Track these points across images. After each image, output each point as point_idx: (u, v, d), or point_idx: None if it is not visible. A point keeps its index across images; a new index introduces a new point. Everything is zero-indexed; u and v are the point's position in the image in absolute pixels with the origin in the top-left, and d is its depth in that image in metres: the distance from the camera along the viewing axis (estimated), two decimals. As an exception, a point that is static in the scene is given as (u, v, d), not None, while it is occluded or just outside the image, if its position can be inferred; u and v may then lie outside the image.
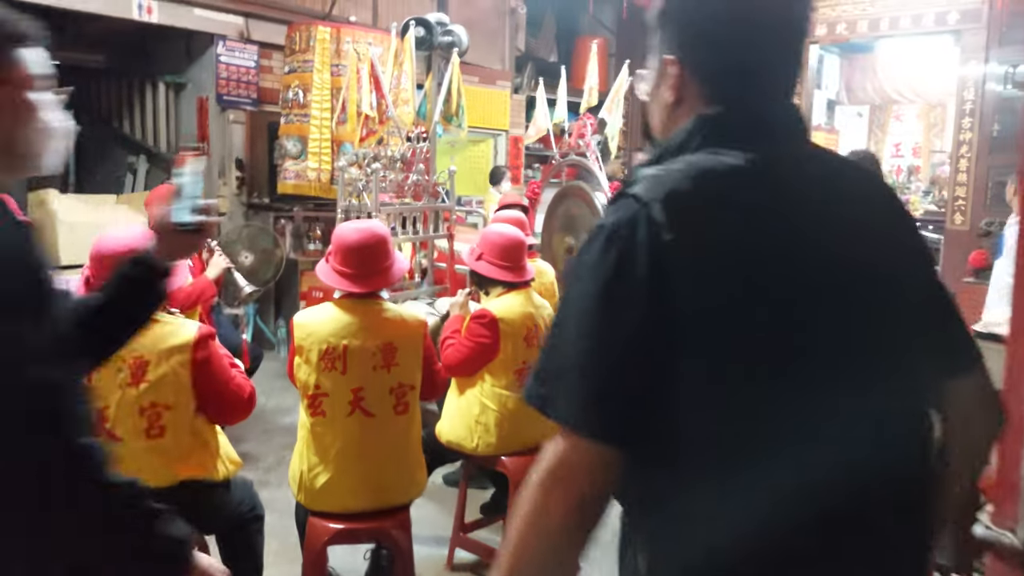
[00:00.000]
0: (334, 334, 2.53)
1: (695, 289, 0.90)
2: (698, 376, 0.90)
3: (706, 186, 0.95)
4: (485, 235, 3.25)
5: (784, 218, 0.96)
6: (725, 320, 0.90)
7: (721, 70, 1.02)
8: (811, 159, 1.03)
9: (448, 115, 4.72)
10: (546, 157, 9.41)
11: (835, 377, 0.93)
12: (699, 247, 0.91)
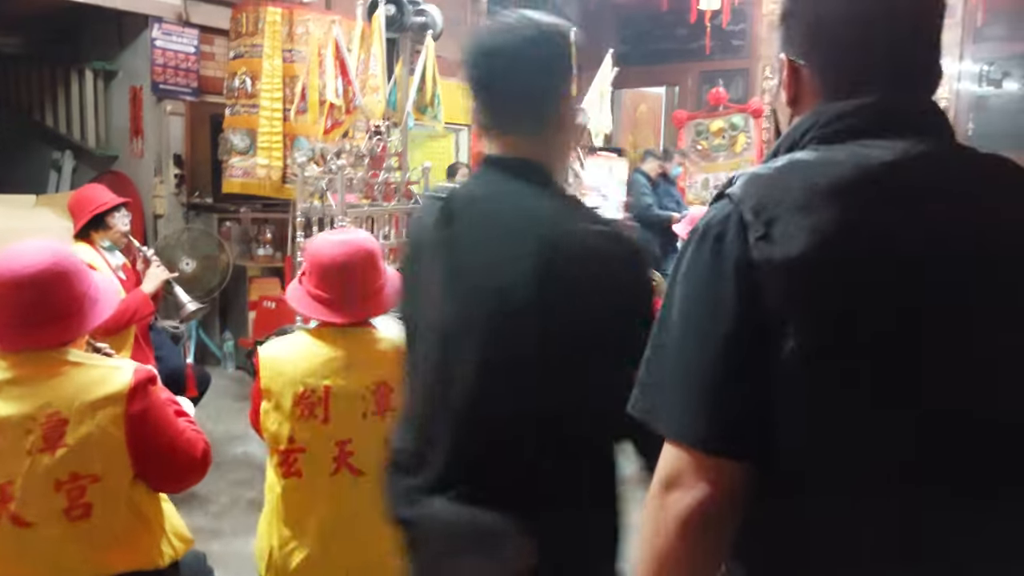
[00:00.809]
0: (312, 373, 1.99)
1: (783, 289, 0.85)
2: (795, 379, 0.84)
3: (800, 184, 0.88)
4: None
5: (889, 215, 0.87)
6: (812, 320, 0.84)
7: (838, 66, 0.97)
8: (936, 156, 0.92)
9: (422, 105, 4.19)
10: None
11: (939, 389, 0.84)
12: (787, 247, 0.85)
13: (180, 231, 5.89)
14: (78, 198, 3.62)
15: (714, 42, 8.11)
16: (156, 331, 3.97)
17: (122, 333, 3.49)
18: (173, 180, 6.16)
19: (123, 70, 6.41)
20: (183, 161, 6.22)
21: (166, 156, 6.15)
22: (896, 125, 0.92)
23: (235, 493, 3.89)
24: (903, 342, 0.84)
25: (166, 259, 5.47)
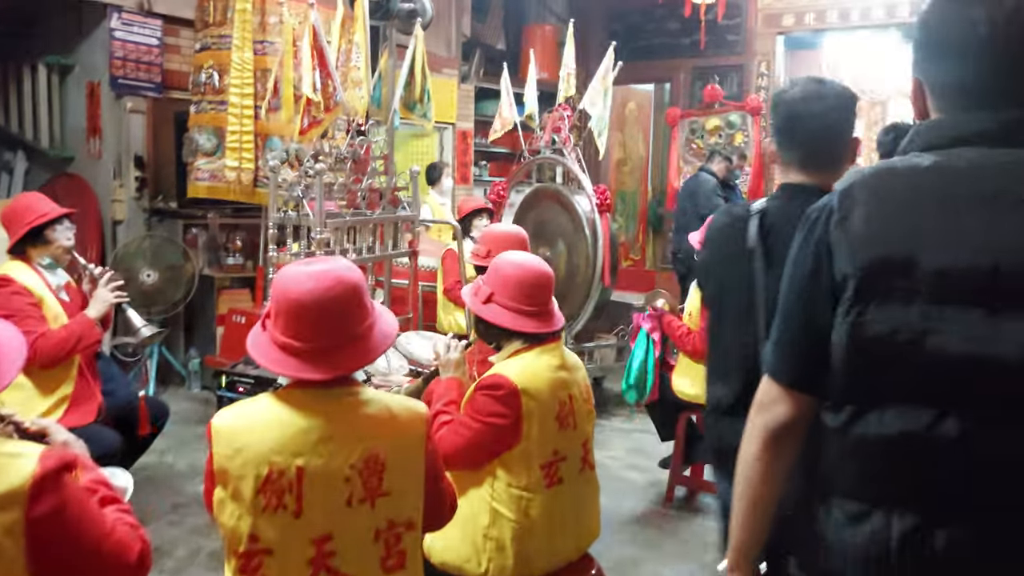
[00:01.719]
0: (280, 449, 1.54)
1: (845, 257, 1.11)
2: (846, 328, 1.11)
3: (870, 181, 1.15)
4: (496, 267, 2.30)
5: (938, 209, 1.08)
6: (865, 281, 1.09)
7: (930, 87, 1.19)
8: (1005, 168, 1.08)
9: (410, 102, 3.75)
10: (498, 154, 8.50)
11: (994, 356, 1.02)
12: (846, 226, 1.12)
13: (141, 238, 5.40)
14: (13, 208, 3.14)
15: (708, 37, 7.72)
16: (105, 360, 3.49)
17: (63, 364, 3.02)
18: (134, 183, 5.66)
19: (79, 64, 5.90)
20: (144, 162, 5.72)
21: (126, 157, 5.65)
22: (973, 138, 1.11)
23: (194, 544, 3.42)
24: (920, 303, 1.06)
25: (125, 269, 4.99)
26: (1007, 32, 1.08)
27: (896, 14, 7.48)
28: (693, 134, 8.01)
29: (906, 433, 1.07)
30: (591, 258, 4.99)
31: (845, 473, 1.15)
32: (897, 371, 1.07)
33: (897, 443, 1.08)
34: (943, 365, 1.04)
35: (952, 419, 1.04)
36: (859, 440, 1.12)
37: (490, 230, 3.21)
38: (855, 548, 1.11)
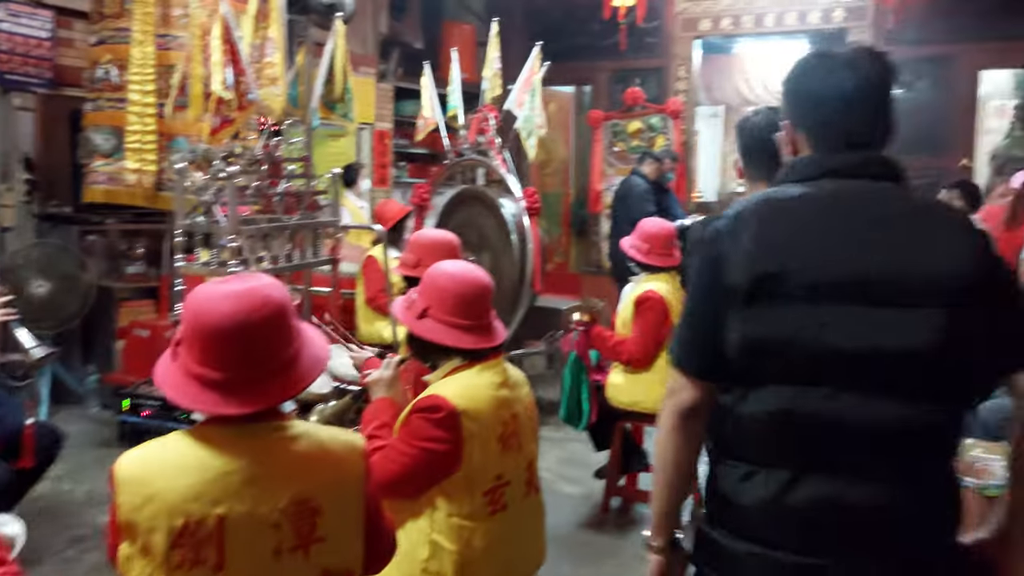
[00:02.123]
0: (197, 496, 1.33)
1: (731, 271, 1.36)
2: (730, 323, 1.37)
3: (755, 208, 1.41)
4: (430, 279, 2.13)
5: (828, 232, 1.36)
6: (766, 298, 1.34)
7: (804, 131, 1.49)
8: (859, 196, 1.39)
9: (330, 101, 3.53)
10: (418, 155, 8.29)
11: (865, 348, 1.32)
12: (735, 245, 1.37)
13: (30, 247, 4.99)
14: None
15: (628, 40, 7.72)
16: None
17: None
18: (22, 186, 5.22)
19: (-41, 57, 5.42)
20: (34, 164, 5.29)
21: (13, 158, 5.21)
22: (833, 172, 1.42)
23: (99, 581, 3.13)
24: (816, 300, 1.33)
25: (12, 281, 4.58)
26: (866, 91, 1.42)
27: (807, 21, 7.63)
28: (616, 136, 7.99)
29: (779, 408, 1.35)
30: (518, 263, 4.86)
31: (736, 441, 1.43)
32: (774, 360, 1.35)
33: (773, 416, 1.36)
34: (808, 354, 1.33)
35: (811, 395, 1.33)
36: (745, 415, 1.39)
37: (419, 237, 3.03)
38: (747, 500, 1.39)
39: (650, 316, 3.53)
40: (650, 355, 3.57)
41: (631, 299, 3.63)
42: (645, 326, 3.55)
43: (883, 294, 1.31)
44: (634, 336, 3.59)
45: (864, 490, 1.33)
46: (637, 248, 3.66)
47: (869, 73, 1.43)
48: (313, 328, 1.61)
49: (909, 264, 1.33)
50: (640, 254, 3.62)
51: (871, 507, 1.32)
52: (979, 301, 1.32)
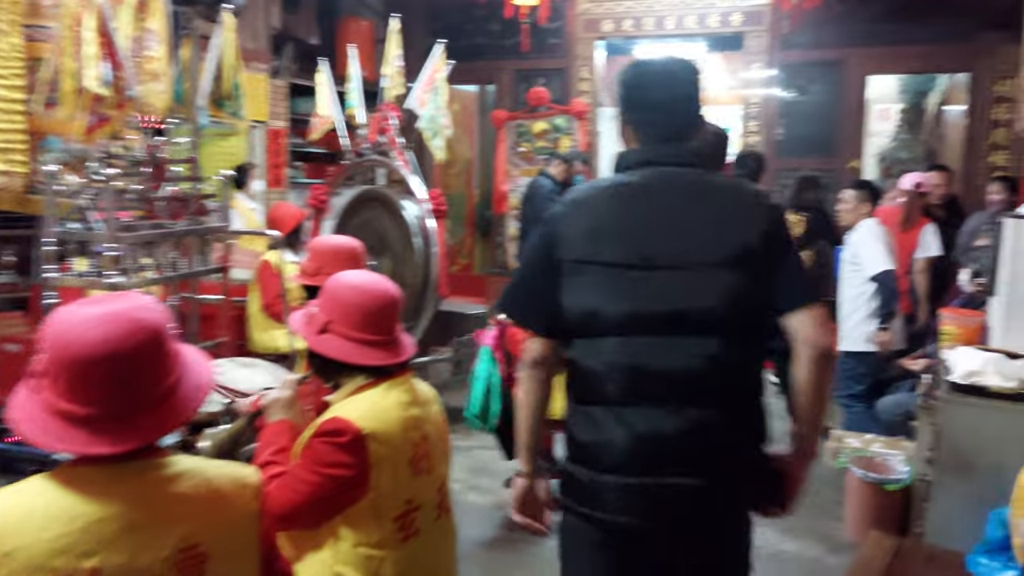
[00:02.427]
0: (65, 549, 1.15)
1: (564, 253, 1.72)
2: (570, 295, 1.71)
3: (585, 193, 1.81)
4: (331, 290, 1.97)
5: (621, 214, 1.72)
6: (574, 271, 1.71)
7: (631, 128, 1.82)
8: (661, 181, 1.74)
9: (219, 98, 3.31)
10: (315, 155, 8.01)
11: (642, 312, 1.66)
12: (568, 229, 1.73)
13: None
14: None
15: (530, 40, 7.68)
16: None
17: None
18: None
19: None
20: None
21: None
22: (652, 163, 1.76)
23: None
24: (608, 270, 1.69)
25: None
26: (676, 95, 1.76)
27: (706, 24, 7.77)
28: (520, 137, 7.94)
29: (604, 359, 1.68)
30: (421, 267, 4.71)
31: (578, 388, 1.75)
32: (594, 321, 1.68)
33: (599, 365, 1.69)
34: (606, 318, 1.67)
35: (626, 347, 1.66)
36: (581, 366, 1.72)
37: (320, 243, 2.85)
38: (587, 437, 1.71)
39: None
40: (560, 361, 3.51)
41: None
42: None
43: (683, 259, 1.67)
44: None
45: (676, 421, 1.63)
46: None
47: (680, 80, 1.79)
48: (195, 351, 1.45)
49: (708, 231, 1.68)
50: None
51: (684, 433, 1.63)
52: (762, 260, 1.67)
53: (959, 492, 2.52)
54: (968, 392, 2.50)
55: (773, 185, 7.55)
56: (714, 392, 1.65)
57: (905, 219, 5.05)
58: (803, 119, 7.64)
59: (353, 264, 2.70)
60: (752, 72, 7.75)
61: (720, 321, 1.64)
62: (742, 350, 1.68)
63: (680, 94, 1.77)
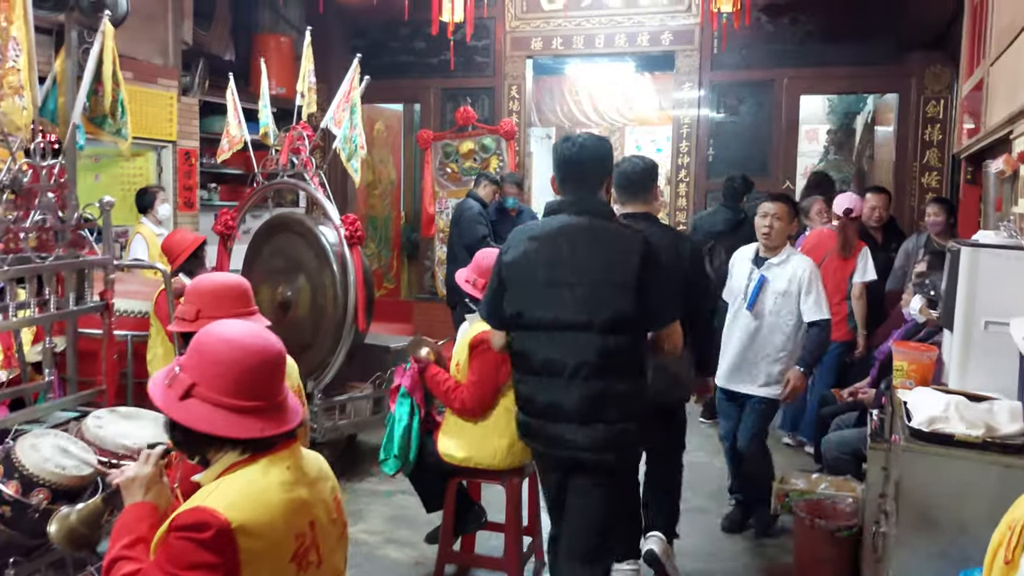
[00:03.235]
0: None
1: (506, 273, 2.57)
2: (508, 303, 2.57)
3: (523, 233, 2.61)
4: (199, 345, 1.62)
5: (541, 248, 2.53)
6: (512, 286, 2.56)
7: (556, 182, 2.64)
8: (568, 226, 2.53)
9: (98, 116, 2.93)
10: (230, 175, 7.58)
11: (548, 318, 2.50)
12: (509, 258, 2.57)
13: None
14: None
15: (457, 58, 7.42)
16: None
17: None
18: None
19: None
20: None
21: None
22: (569, 210, 2.56)
23: None
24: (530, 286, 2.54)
25: None
26: (585, 162, 2.56)
27: (637, 43, 7.64)
28: (447, 157, 7.65)
29: (523, 346, 2.56)
30: (340, 297, 4.35)
31: (516, 363, 2.63)
32: (519, 321, 2.54)
33: (522, 350, 2.57)
34: (532, 317, 2.51)
35: (536, 339, 2.52)
36: (515, 349, 2.60)
37: (199, 283, 2.46)
38: (522, 393, 2.62)
39: (486, 360, 3.13)
40: (485, 403, 3.19)
41: (466, 341, 3.23)
42: (480, 371, 3.16)
43: (579, 282, 2.48)
44: (468, 382, 3.19)
45: (565, 393, 2.51)
46: (472, 283, 3.26)
47: (591, 153, 2.59)
48: None
49: (595, 263, 2.49)
50: (476, 289, 3.21)
51: (571, 402, 2.50)
52: (636, 285, 2.45)
53: (922, 550, 2.29)
54: (930, 440, 2.29)
55: (704, 204, 7.46)
56: (601, 370, 2.48)
57: (843, 246, 4.92)
58: (735, 139, 7.55)
59: (239, 307, 2.35)
60: (683, 92, 7.64)
61: (606, 324, 2.46)
62: (622, 344, 2.49)
63: (589, 167, 2.60)
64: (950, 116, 6.75)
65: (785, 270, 3.83)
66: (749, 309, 3.82)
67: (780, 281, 3.81)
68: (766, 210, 3.88)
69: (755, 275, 3.85)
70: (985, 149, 4.32)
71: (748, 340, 3.84)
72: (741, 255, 4.04)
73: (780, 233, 3.86)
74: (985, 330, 2.66)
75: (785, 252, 3.88)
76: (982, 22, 4.20)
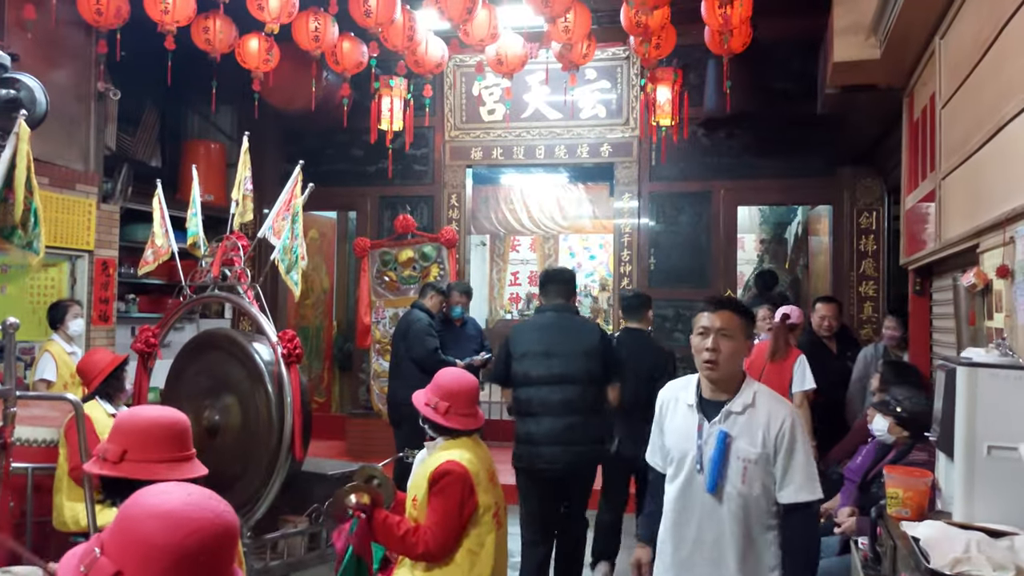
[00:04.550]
0: None
1: (512, 351, 4.09)
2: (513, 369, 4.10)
3: (523, 324, 4.37)
4: (125, 521, 1.26)
5: (534, 334, 4.12)
6: (520, 358, 4.06)
7: (541, 293, 4.33)
8: (554, 319, 4.11)
9: (7, 228, 2.59)
10: (152, 286, 7.13)
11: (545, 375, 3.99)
12: (514, 342, 4.13)
13: None
14: None
15: (395, 166, 7.30)
16: None
17: None
18: None
19: None
20: None
21: None
22: (550, 310, 4.16)
23: None
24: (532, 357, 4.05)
25: None
26: (558, 285, 4.20)
27: (577, 155, 7.68)
28: (385, 265, 7.39)
29: (526, 395, 4.01)
30: (275, 422, 3.96)
31: (517, 408, 4.05)
32: (521, 380, 4.01)
33: (522, 396, 4.02)
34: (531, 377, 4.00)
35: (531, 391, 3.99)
36: (518, 398, 4.05)
37: (129, 417, 2.08)
38: (521, 430, 4.02)
39: (451, 494, 2.77)
40: (450, 543, 2.80)
41: (426, 473, 2.87)
42: (445, 507, 2.78)
43: (557, 354, 3.94)
44: (430, 522, 2.81)
45: (560, 422, 3.88)
46: (435, 407, 2.92)
47: (563, 275, 4.28)
48: None
49: (568, 343, 3.99)
50: (438, 414, 2.89)
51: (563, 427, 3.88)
52: (596, 357, 4.01)
53: None
54: (957, 585, 2.05)
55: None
56: (577, 410, 3.88)
57: (773, 350, 4.82)
58: (675, 249, 7.57)
59: (175, 450, 1.98)
60: (623, 202, 7.67)
61: (579, 380, 3.92)
62: (589, 392, 3.95)
63: (562, 284, 4.18)
64: (882, 227, 6.90)
65: (755, 419, 2.39)
66: (711, 491, 2.38)
67: (748, 438, 2.38)
68: (706, 324, 2.42)
69: (710, 432, 2.39)
70: (934, 262, 4.32)
71: (719, 547, 2.41)
72: (671, 396, 2.57)
73: (731, 358, 2.41)
74: (988, 455, 2.48)
75: (748, 390, 2.43)
76: (926, 137, 4.26)
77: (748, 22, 5.11)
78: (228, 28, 5.38)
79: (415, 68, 5.82)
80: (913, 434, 3.43)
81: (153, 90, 6.99)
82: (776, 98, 6.86)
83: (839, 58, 4.54)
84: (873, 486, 3.55)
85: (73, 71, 6.25)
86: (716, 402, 2.43)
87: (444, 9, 4.73)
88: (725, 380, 2.43)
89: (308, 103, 6.16)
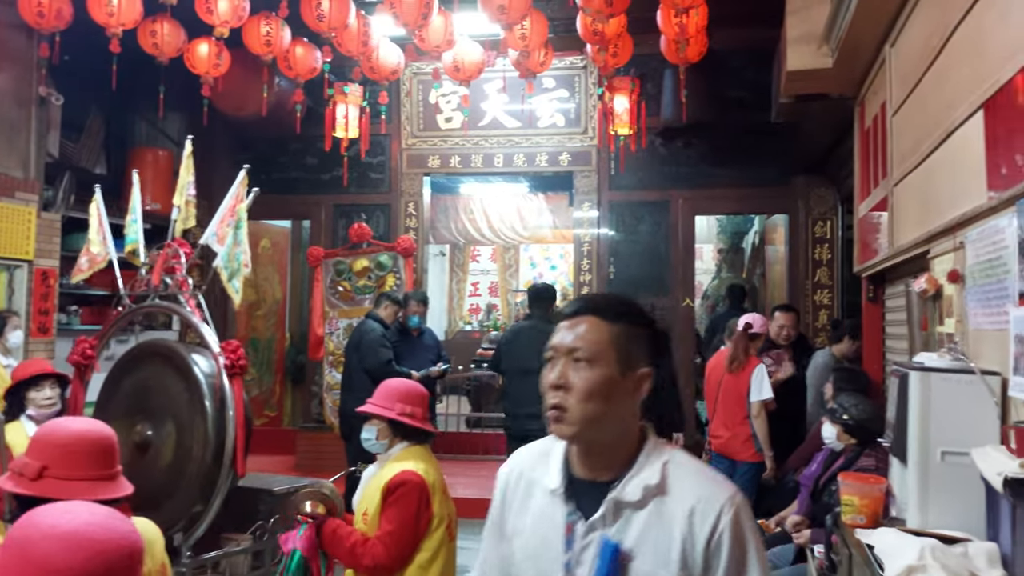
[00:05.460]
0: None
1: (503, 352, 5.49)
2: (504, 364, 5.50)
3: (512, 329, 6.14)
4: (19, 541, 1.14)
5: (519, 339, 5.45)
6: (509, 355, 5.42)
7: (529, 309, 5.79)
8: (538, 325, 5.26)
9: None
10: (95, 297, 6.90)
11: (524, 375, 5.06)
12: (504, 344, 5.57)
13: None
14: None
15: (351, 174, 7.18)
16: None
17: None
18: None
19: None
20: None
21: None
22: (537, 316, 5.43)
23: None
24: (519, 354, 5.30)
25: None
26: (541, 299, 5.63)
27: (536, 163, 7.64)
28: (339, 275, 7.25)
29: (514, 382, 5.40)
30: (213, 437, 3.79)
31: (507, 394, 5.57)
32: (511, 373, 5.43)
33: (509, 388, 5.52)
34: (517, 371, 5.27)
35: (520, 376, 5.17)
36: (508, 390, 5.58)
37: (50, 431, 1.94)
38: (511, 410, 5.39)
39: (407, 504, 2.64)
40: (403, 557, 2.67)
41: (379, 485, 2.75)
42: (400, 517, 2.65)
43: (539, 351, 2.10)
44: (382, 532, 2.68)
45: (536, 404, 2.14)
46: (411, 415, 2.81)
47: (546, 291, 5.61)
48: None
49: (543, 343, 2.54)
50: (416, 420, 2.78)
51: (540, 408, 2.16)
52: None
53: None
54: (912, 595, 2.00)
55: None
56: None
57: (732, 359, 4.79)
58: (634, 258, 7.55)
59: (98, 468, 1.85)
60: (582, 211, 7.63)
61: None
62: None
63: (544, 300, 5.45)
64: (836, 236, 6.95)
65: (667, 516, 1.31)
66: None
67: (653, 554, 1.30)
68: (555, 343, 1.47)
69: (586, 541, 1.32)
70: (887, 269, 4.32)
71: None
72: (516, 474, 1.53)
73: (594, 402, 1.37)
74: (942, 461, 2.45)
75: (651, 461, 1.36)
76: (878, 145, 4.28)
77: (704, 31, 5.11)
78: (176, 32, 5.23)
79: (370, 74, 5.72)
80: (860, 441, 3.42)
81: (98, 95, 6.78)
82: (732, 107, 6.89)
83: (792, 67, 4.54)
84: (824, 494, 3.52)
85: (13, 75, 6.04)
86: (597, 484, 1.36)
87: (399, 14, 4.65)
88: (598, 445, 1.38)
89: (260, 109, 6.03)
